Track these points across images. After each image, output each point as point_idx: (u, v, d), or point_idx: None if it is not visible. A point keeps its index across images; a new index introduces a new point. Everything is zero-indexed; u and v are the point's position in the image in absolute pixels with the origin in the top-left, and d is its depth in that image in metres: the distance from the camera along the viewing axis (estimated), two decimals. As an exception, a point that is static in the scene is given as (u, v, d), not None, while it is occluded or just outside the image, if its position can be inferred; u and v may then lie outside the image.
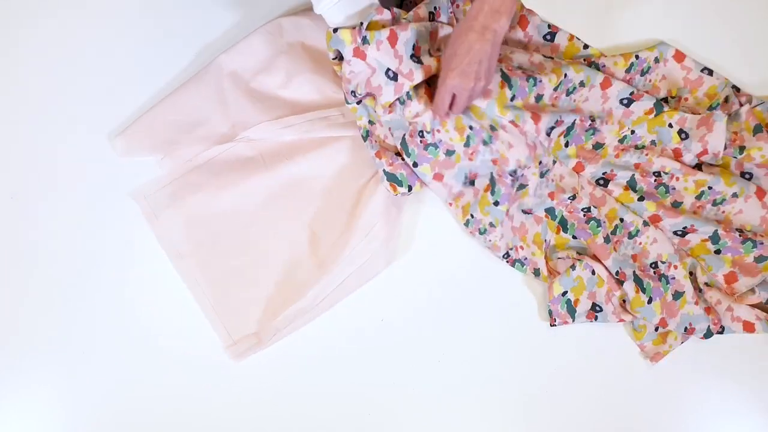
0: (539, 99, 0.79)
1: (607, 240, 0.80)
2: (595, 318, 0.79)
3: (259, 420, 0.80)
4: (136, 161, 0.84)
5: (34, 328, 0.82)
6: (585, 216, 0.81)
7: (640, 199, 0.79)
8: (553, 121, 0.78)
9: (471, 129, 0.78)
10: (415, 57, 0.75)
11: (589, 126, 0.80)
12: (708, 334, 0.78)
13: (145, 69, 0.86)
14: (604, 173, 0.80)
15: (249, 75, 0.85)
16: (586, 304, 0.80)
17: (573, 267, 0.80)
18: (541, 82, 0.78)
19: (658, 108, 0.79)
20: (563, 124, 0.79)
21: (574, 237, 0.82)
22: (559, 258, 0.81)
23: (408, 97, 0.77)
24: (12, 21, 0.87)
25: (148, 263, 0.83)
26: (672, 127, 0.78)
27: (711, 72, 0.82)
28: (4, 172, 0.85)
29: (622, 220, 0.79)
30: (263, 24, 0.85)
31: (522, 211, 0.81)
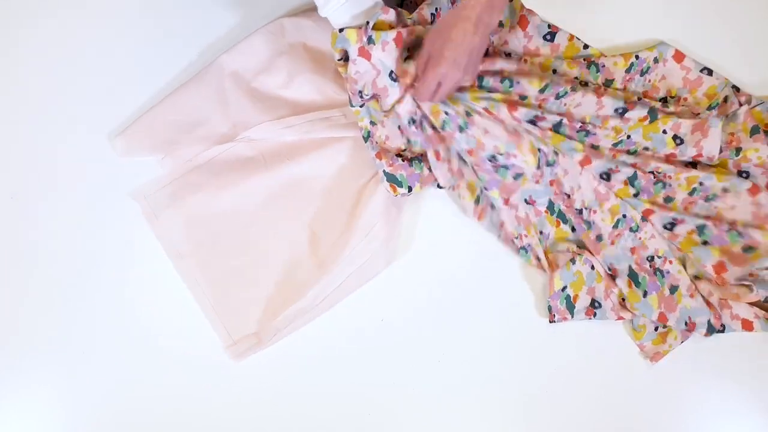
0: (524, 99, 0.79)
1: (599, 239, 0.80)
2: (594, 314, 0.79)
3: (259, 420, 0.80)
4: (136, 161, 0.84)
5: (34, 328, 0.82)
6: (579, 217, 0.81)
7: (636, 195, 0.79)
8: (533, 115, 0.78)
9: (447, 114, 0.78)
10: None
11: (580, 128, 0.79)
12: (710, 329, 0.77)
13: (145, 69, 0.86)
14: (609, 169, 0.79)
15: (250, 75, 0.85)
16: (585, 300, 0.80)
17: (573, 261, 0.80)
18: (518, 83, 0.78)
19: (652, 115, 0.78)
20: (547, 120, 0.78)
21: (573, 229, 0.82)
22: (559, 251, 0.81)
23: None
24: (12, 21, 0.87)
25: (148, 263, 0.83)
26: (666, 133, 0.78)
27: (710, 72, 0.82)
28: (4, 172, 0.85)
29: (624, 216, 0.79)
30: (265, 24, 0.85)
31: (525, 201, 0.81)
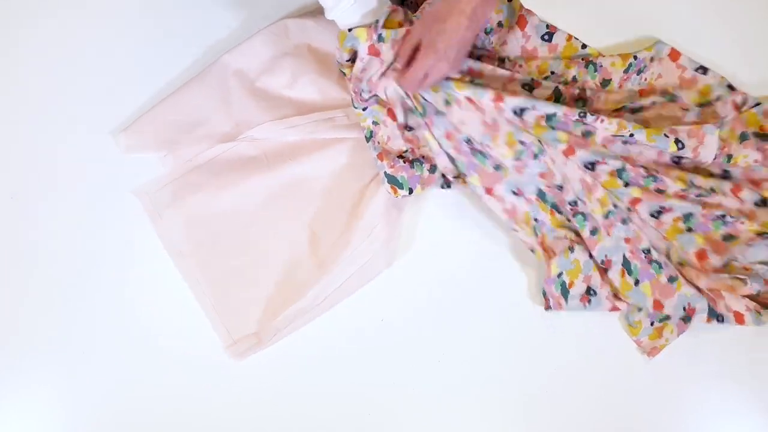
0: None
1: (594, 232, 0.79)
2: (589, 302, 0.79)
3: (259, 420, 0.80)
4: (137, 160, 0.84)
5: (34, 328, 0.82)
6: (572, 210, 0.80)
7: (626, 185, 0.78)
8: (521, 106, 0.76)
9: (425, 100, 0.77)
10: None
11: (577, 119, 0.77)
12: (712, 313, 0.77)
13: (145, 69, 0.86)
14: (596, 160, 0.78)
15: (254, 75, 0.85)
16: (580, 287, 0.79)
17: (571, 249, 0.79)
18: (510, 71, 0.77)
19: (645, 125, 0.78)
20: (537, 109, 0.77)
21: (568, 220, 0.81)
22: (557, 237, 0.81)
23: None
24: (12, 21, 0.87)
25: (149, 263, 0.83)
26: (668, 137, 0.77)
27: (706, 71, 0.82)
28: (4, 172, 0.85)
29: (615, 207, 0.79)
30: (269, 25, 0.85)
31: (512, 192, 0.80)
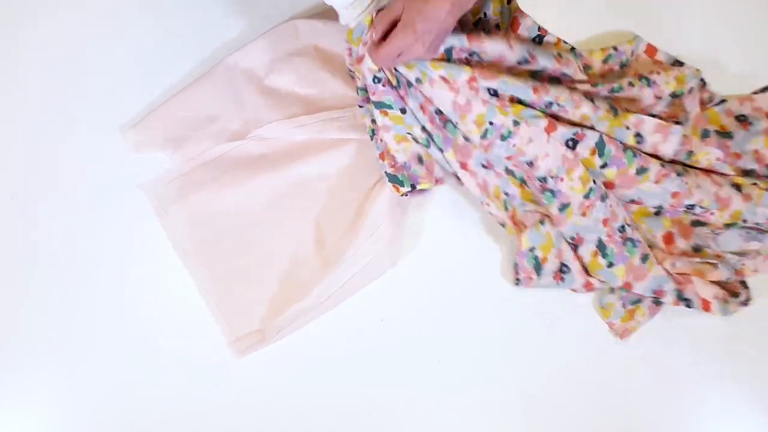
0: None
1: (562, 209, 0.78)
2: (562, 279, 0.79)
3: (259, 420, 0.80)
4: (137, 161, 0.84)
5: (34, 328, 0.82)
6: (540, 186, 0.78)
7: (603, 166, 0.77)
8: (495, 88, 0.74)
9: (398, 72, 0.75)
10: None
11: (546, 105, 0.76)
12: (679, 296, 0.77)
13: (145, 69, 0.86)
14: (575, 134, 0.76)
15: (263, 73, 0.85)
16: (554, 263, 0.79)
17: (542, 222, 0.79)
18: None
19: (614, 110, 0.77)
20: (509, 90, 0.75)
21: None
22: (527, 210, 0.80)
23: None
24: (12, 21, 0.87)
25: (149, 263, 0.83)
26: (629, 129, 0.77)
27: (681, 64, 0.82)
28: (4, 172, 0.85)
29: (595, 182, 0.77)
30: (278, 25, 0.85)
31: (482, 165, 0.79)
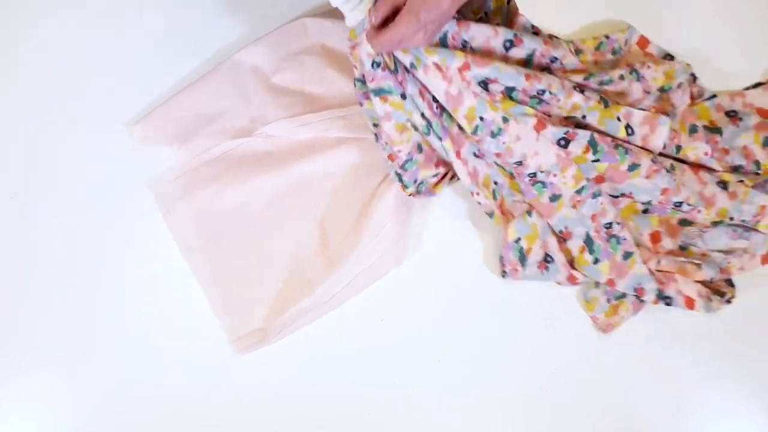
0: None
1: (553, 199, 0.78)
2: (546, 269, 0.79)
3: (259, 420, 0.80)
4: (137, 161, 0.84)
5: (34, 328, 0.82)
6: (531, 181, 0.78)
7: (595, 161, 0.76)
8: (485, 77, 0.73)
9: (395, 57, 0.74)
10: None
11: (535, 96, 0.74)
12: (660, 296, 0.77)
13: (146, 69, 0.86)
14: (566, 133, 0.75)
15: (270, 71, 0.84)
16: (538, 253, 0.79)
17: (529, 213, 0.79)
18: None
19: (605, 102, 0.76)
20: (498, 82, 0.73)
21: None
22: (516, 200, 0.80)
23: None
24: (12, 21, 0.87)
25: (149, 263, 0.83)
26: (620, 120, 0.76)
27: (672, 58, 0.82)
28: (4, 172, 0.85)
29: (588, 180, 0.77)
30: (287, 23, 0.85)
31: (474, 154, 0.79)
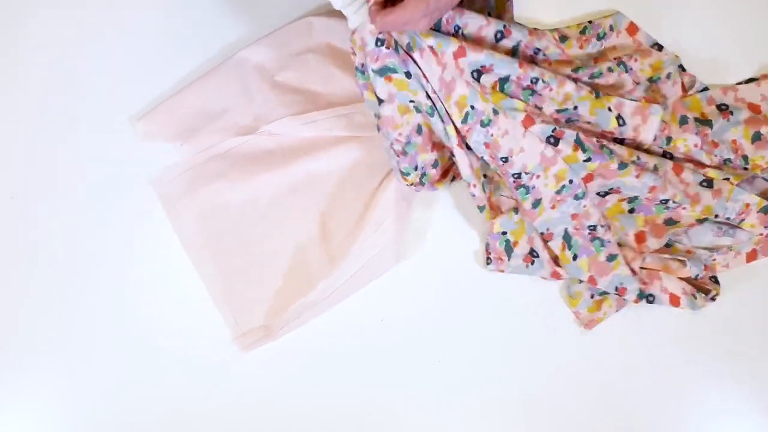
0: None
1: (535, 205, 0.77)
2: (532, 263, 0.79)
3: (259, 420, 0.80)
4: (137, 161, 0.84)
5: (34, 328, 0.82)
6: (515, 183, 0.77)
7: (586, 161, 0.75)
8: (481, 64, 0.72)
9: (394, 36, 0.73)
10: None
11: (527, 86, 0.74)
12: (641, 295, 0.77)
13: (145, 69, 0.86)
14: (554, 130, 0.74)
15: (275, 69, 0.84)
16: (524, 247, 0.79)
17: (516, 211, 0.79)
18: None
19: (596, 92, 0.76)
20: (492, 72, 0.73)
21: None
22: (503, 195, 0.80)
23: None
24: (12, 21, 0.87)
25: (149, 263, 0.83)
26: (611, 111, 0.75)
27: (661, 48, 0.81)
28: (4, 172, 0.85)
29: (571, 182, 0.76)
30: (292, 21, 0.84)
31: (466, 146, 0.78)
